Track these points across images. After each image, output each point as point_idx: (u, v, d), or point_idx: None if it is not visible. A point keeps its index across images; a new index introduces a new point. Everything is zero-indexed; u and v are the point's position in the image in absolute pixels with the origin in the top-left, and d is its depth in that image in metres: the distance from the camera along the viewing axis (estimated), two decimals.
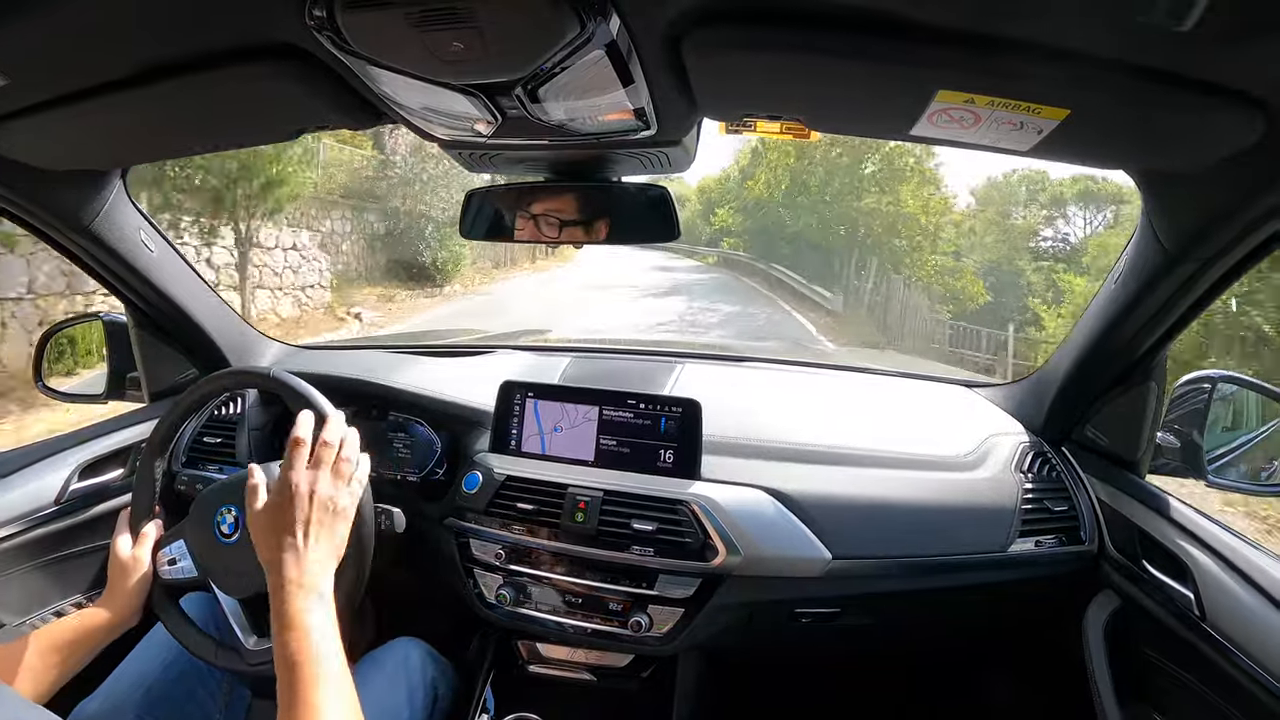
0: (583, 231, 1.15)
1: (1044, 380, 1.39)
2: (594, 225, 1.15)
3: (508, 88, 0.75)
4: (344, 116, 0.90)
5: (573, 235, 1.16)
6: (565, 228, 1.16)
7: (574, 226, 1.15)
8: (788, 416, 1.40)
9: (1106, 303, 1.15)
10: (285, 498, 0.89)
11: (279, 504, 0.90)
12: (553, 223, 1.16)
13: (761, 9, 0.65)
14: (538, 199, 1.15)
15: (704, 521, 1.20)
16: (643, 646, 1.28)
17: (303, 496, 0.89)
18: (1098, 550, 1.24)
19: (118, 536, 1.10)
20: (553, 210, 1.15)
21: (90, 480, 1.35)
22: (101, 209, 1.21)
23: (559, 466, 1.30)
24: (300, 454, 0.93)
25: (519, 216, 1.16)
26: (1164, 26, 0.57)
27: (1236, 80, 0.65)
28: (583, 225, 1.15)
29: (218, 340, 1.51)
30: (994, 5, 0.61)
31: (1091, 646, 1.18)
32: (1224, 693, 0.95)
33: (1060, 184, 32.22)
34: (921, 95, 0.73)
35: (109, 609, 1.03)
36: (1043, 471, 1.31)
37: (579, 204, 1.14)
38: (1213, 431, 1.20)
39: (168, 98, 0.83)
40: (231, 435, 1.46)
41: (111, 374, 1.54)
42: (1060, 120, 0.73)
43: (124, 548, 1.08)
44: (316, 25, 0.65)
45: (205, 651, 1.04)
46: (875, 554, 1.20)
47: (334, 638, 0.81)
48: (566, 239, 1.16)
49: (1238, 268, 0.96)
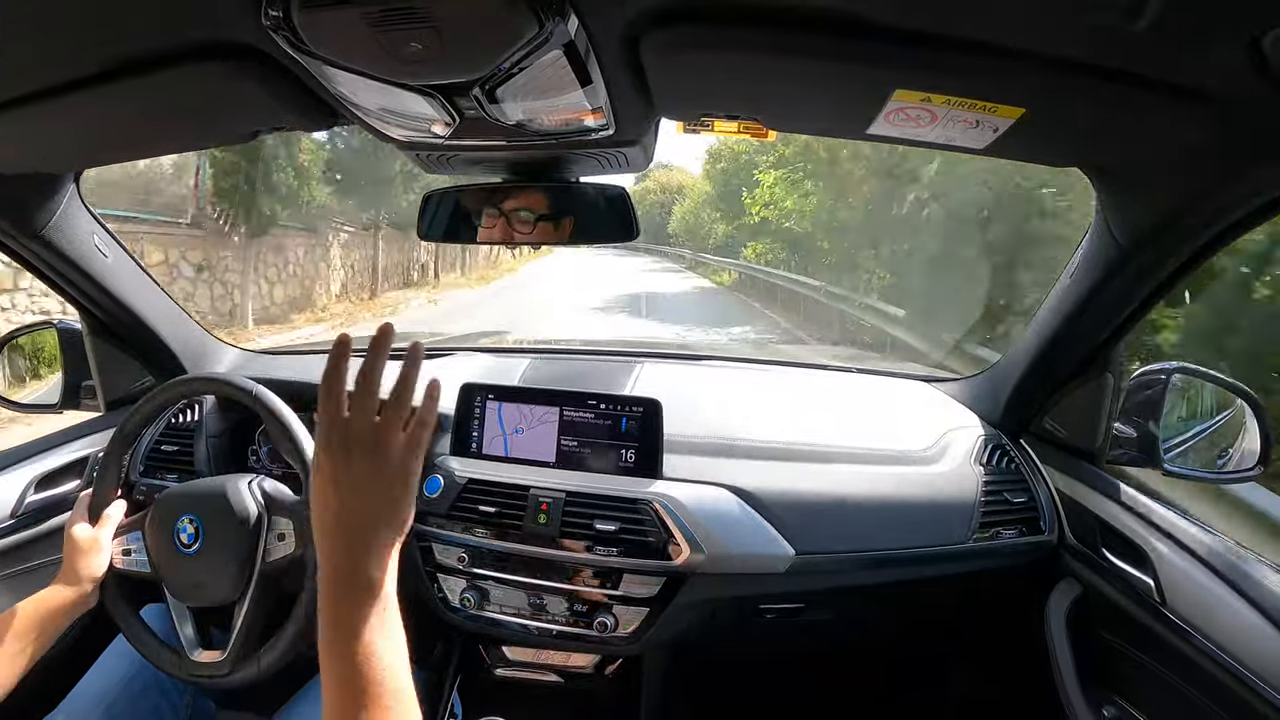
0: (542, 232, 1.14)
1: (1001, 374, 1.41)
2: (553, 225, 1.14)
3: (465, 88, 0.75)
4: (300, 118, 0.89)
5: (533, 235, 1.15)
6: (525, 228, 1.15)
7: (533, 226, 1.14)
8: (749, 414, 1.40)
9: (1062, 297, 1.16)
10: (343, 446, 0.65)
11: (333, 456, 0.65)
12: (513, 223, 1.15)
13: (719, 9, 0.65)
14: (496, 200, 1.14)
15: (666, 520, 1.20)
16: (608, 646, 1.28)
17: (367, 447, 0.65)
18: (1058, 540, 1.26)
19: (74, 518, 1.06)
20: (511, 210, 1.15)
21: (47, 492, 1.32)
22: (55, 214, 1.19)
23: (520, 468, 1.30)
24: (371, 393, 0.68)
25: (478, 217, 1.15)
26: (1118, 26, 0.58)
27: (1189, 79, 0.66)
28: (542, 225, 1.14)
29: (174, 346, 1.49)
30: (950, 5, 0.62)
31: (1054, 634, 1.19)
32: (1184, 674, 0.97)
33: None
34: (878, 94, 0.73)
35: (67, 590, 1.00)
36: (1002, 464, 1.33)
37: (538, 204, 1.14)
38: (1168, 421, 1.22)
39: (121, 99, 0.82)
40: (189, 443, 1.43)
41: (66, 382, 1.51)
42: (1015, 119, 0.75)
43: (83, 529, 1.05)
44: (273, 25, 0.64)
45: (149, 652, 1.03)
46: (838, 549, 1.21)
47: (403, 661, 0.61)
48: (527, 239, 1.15)
49: (1191, 262, 0.98)
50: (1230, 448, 1.25)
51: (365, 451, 0.65)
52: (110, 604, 1.04)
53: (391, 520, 0.65)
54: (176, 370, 1.50)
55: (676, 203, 38.15)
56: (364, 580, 0.62)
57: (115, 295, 1.35)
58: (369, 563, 0.63)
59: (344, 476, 0.64)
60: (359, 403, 0.68)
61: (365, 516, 0.64)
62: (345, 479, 0.64)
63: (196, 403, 1.48)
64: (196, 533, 1.02)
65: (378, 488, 0.65)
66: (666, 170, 51.51)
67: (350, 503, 0.64)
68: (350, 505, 0.64)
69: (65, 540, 1.05)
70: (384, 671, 0.59)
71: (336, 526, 0.64)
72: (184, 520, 1.03)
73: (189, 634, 1.04)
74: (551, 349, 1.82)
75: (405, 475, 0.66)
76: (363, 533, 0.64)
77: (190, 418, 1.47)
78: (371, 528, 0.64)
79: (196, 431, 1.44)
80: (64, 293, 1.34)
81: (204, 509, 1.02)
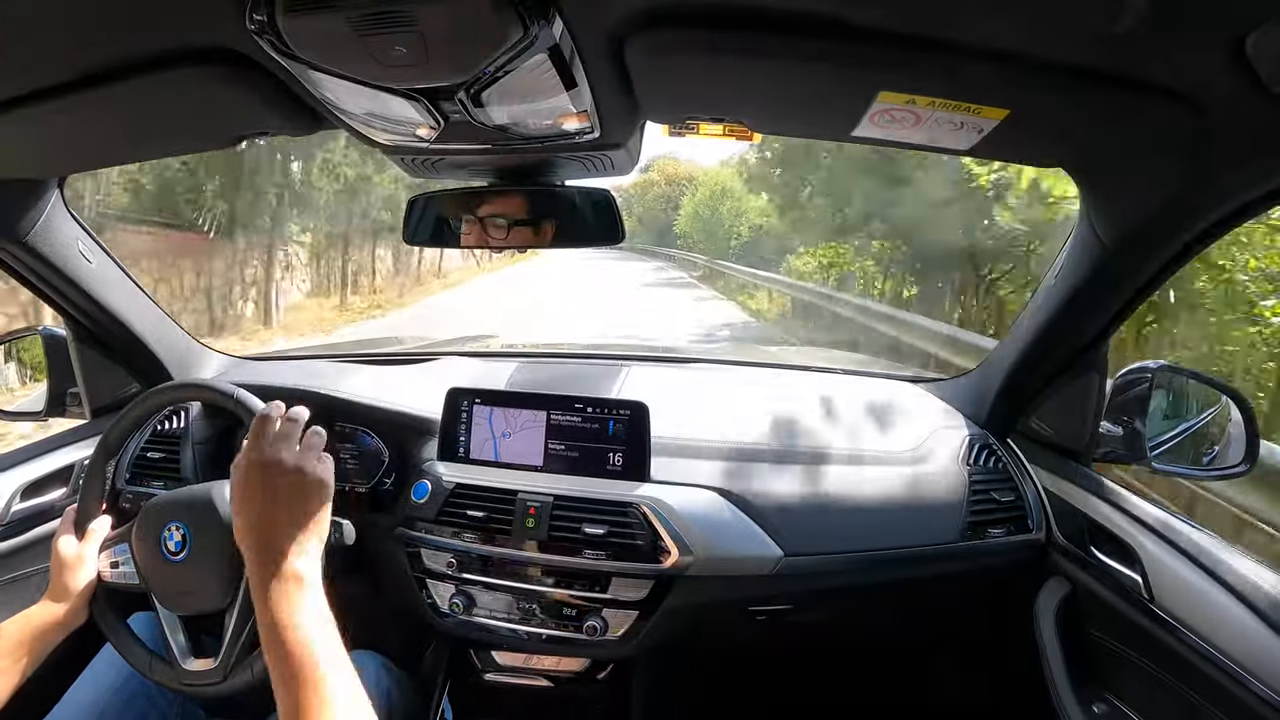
0: (527, 235, 1.14)
1: (988, 374, 1.41)
2: (539, 229, 1.14)
3: (450, 92, 0.75)
4: (285, 122, 0.89)
5: (517, 239, 1.15)
6: (510, 232, 1.15)
7: (519, 230, 1.14)
8: (736, 416, 1.41)
9: (1047, 297, 1.17)
10: (254, 469, 0.82)
11: (245, 479, 0.83)
12: (498, 227, 1.15)
13: (704, 12, 0.66)
14: (481, 203, 1.14)
15: (655, 523, 1.20)
16: (599, 650, 1.27)
17: (273, 465, 0.82)
18: (1045, 538, 1.26)
19: (61, 533, 1.05)
20: (497, 214, 1.14)
21: (32, 501, 1.31)
22: (38, 220, 1.18)
23: (508, 473, 1.29)
24: (267, 427, 0.87)
25: (463, 221, 1.15)
26: (1101, 28, 0.58)
27: (1172, 80, 0.67)
28: (527, 229, 1.14)
29: (159, 353, 1.48)
30: (934, 8, 0.62)
31: (1043, 632, 1.20)
32: (1174, 671, 0.98)
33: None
34: (864, 97, 0.74)
35: (55, 607, 0.99)
36: (989, 463, 1.33)
37: (523, 208, 1.14)
38: (1154, 419, 1.22)
39: (106, 104, 0.81)
40: (175, 450, 1.43)
41: (52, 390, 1.50)
42: (1000, 120, 0.75)
43: (68, 544, 1.04)
44: (257, 29, 0.64)
45: (139, 663, 1.02)
46: (826, 550, 1.21)
47: (335, 641, 0.73)
48: (511, 243, 1.15)
49: (1174, 261, 0.98)
50: (1216, 444, 1.26)
51: (285, 471, 0.83)
52: (99, 617, 1.04)
53: (308, 524, 0.82)
54: (162, 377, 1.49)
55: (685, 195, 31.95)
56: (291, 574, 0.76)
57: (100, 301, 1.35)
58: (296, 561, 0.78)
59: (267, 491, 0.82)
60: (284, 431, 0.87)
61: (286, 524, 0.80)
62: (268, 493, 0.82)
63: (182, 409, 1.47)
64: (184, 540, 1.01)
65: (296, 500, 0.83)
66: (672, 161, 48.65)
67: (271, 511, 0.81)
68: (270, 513, 0.81)
69: (52, 556, 1.04)
70: (314, 653, 0.69)
71: (261, 529, 0.80)
72: (171, 528, 1.02)
73: (180, 642, 1.03)
74: (538, 353, 1.82)
75: (322, 490, 0.85)
76: (289, 536, 0.79)
77: (176, 424, 1.47)
78: (295, 532, 0.80)
79: (182, 438, 1.44)
80: (49, 299, 1.34)
81: (190, 516, 1.01)
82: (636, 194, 49.76)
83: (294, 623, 0.72)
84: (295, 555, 0.78)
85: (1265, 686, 0.82)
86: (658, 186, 43.54)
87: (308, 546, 0.80)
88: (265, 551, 0.78)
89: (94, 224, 2.53)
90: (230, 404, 1.06)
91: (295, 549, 0.79)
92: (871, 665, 1.67)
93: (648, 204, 48.52)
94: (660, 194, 42.69)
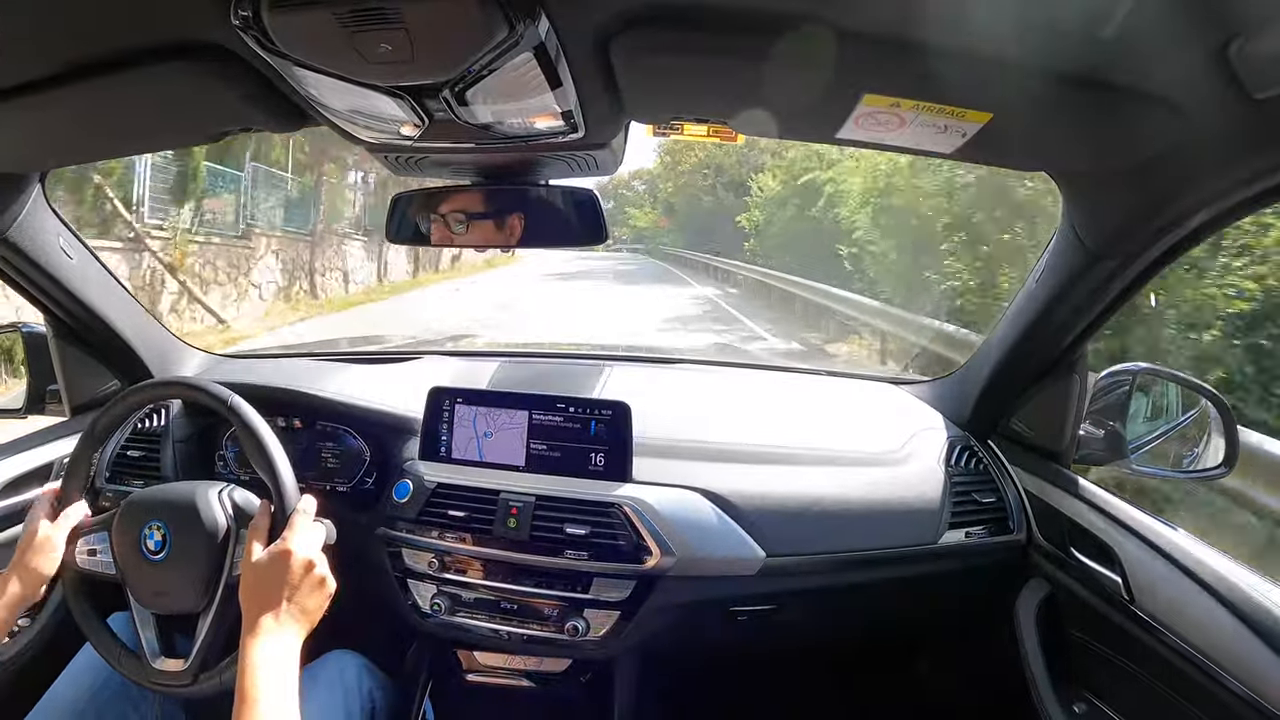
0: (511, 234, 1.14)
1: (969, 376, 1.42)
2: (523, 228, 1.14)
3: (435, 90, 0.75)
4: (269, 119, 0.89)
5: (501, 238, 1.15)
6: (494, 231, 1.15)
7: (502, 229, 1.14)
8: (718, 417, 1.41)
9: (1029, 300, 1.17)
10: (285, 562, 0.91)
11: (279, 566, 0.91)
12: (482, 226, 1.15)
13: (689, 13, 0.66)
14: (465, 202, 1.14)
15: (637, 524, 1.20)
16: (580, 650, 1.27)
17: (299, 565, 0.91)
18: (1026, 539, 1.27)
19: (35, 513, 1.04)
20: (480, 213, 1.14)
21: (11, 499, 1.30)
22: (19, 215, 1.17)
23: (490, 472, 1.29)
24: (303, 523, 0.96)
25: (446, 220, 1.15)
26: (1085, 33, 0.59)
27: (1155, 85, 0.67)
28: (511, 228, 1.14)
29: (140, 350, 1.47)
30: (919, 12, 0.62)
31: (1024, 633, 1.21)
32: (1154, 671, 0.99)
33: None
34: (848, 99, 0.75)
35: (14, 583, 0.97)
36: (970, 464, 1.34)
37: (507, 207, 1.14)
38: (1134, 421, 1.24)
39: (88, 98, 0.81)
40: (155, 449, 1.42)
41: (31, 387, 1.48)
42: (983, 124, 0.76)
43: (42, 525, 1.02)
44: (242, 25, 0.64)
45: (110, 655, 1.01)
46: (809, 550, 1.22)
47: (291, 674, 0.85)
48: (495, 242, 1.15)
49: (1156, 265, 0.99)
50: (1196, 446, 1.27)
51: (309, 568, 0.92)
52: (73, 602, 1.03)
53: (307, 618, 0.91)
54: (142, 374, 1.48)
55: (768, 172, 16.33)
56: (276, 642, 0.86)
57: (80, 298, 1.33)
58: (291, 631, 0.88)
59: (290, 581, 0.91)
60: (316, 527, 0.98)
61: (293, 611, 0.90)
62: (291, 584, 0.90)
63: (163, 407, 1.46)
64: (164, 540, 1.01)
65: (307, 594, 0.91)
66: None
67: (281, 595, 0.89)
68: (280, 597, 0.89)
69: (23, 532, 1.02)
70: (265, 684, 0.81)
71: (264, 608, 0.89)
72: (152, 526, 1.01)
73: (151, 640, 1.02)
74: (520, 352, 1.82)
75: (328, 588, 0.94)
76: (289, 617, 0.89)
77: (156, 423, 1.46)
78: (298, 615, 0.90)
79: (163, 437, 1.43)
80: (29, 296, 1.32)
81: (172, 517, 1.00)
82: (666, 169, 33.92)
83: (257, 694, 0.81)
84: (284, 633, 0.88)
85: (1243, 685, 0.83)
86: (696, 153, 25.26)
87: (300, 634, 0.90)
88: (257, 630, 0.87)
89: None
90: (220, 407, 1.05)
91: (287, 634, 0.88)
92: (853, 665, 1.68)
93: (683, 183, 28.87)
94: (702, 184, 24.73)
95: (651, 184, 42.60)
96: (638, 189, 46.81)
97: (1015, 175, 5.36)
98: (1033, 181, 5.47)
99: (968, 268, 6.87)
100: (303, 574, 0.91)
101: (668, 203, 34.70)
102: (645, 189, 45.03)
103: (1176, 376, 1.29)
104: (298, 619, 0.90)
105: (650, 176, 42.65)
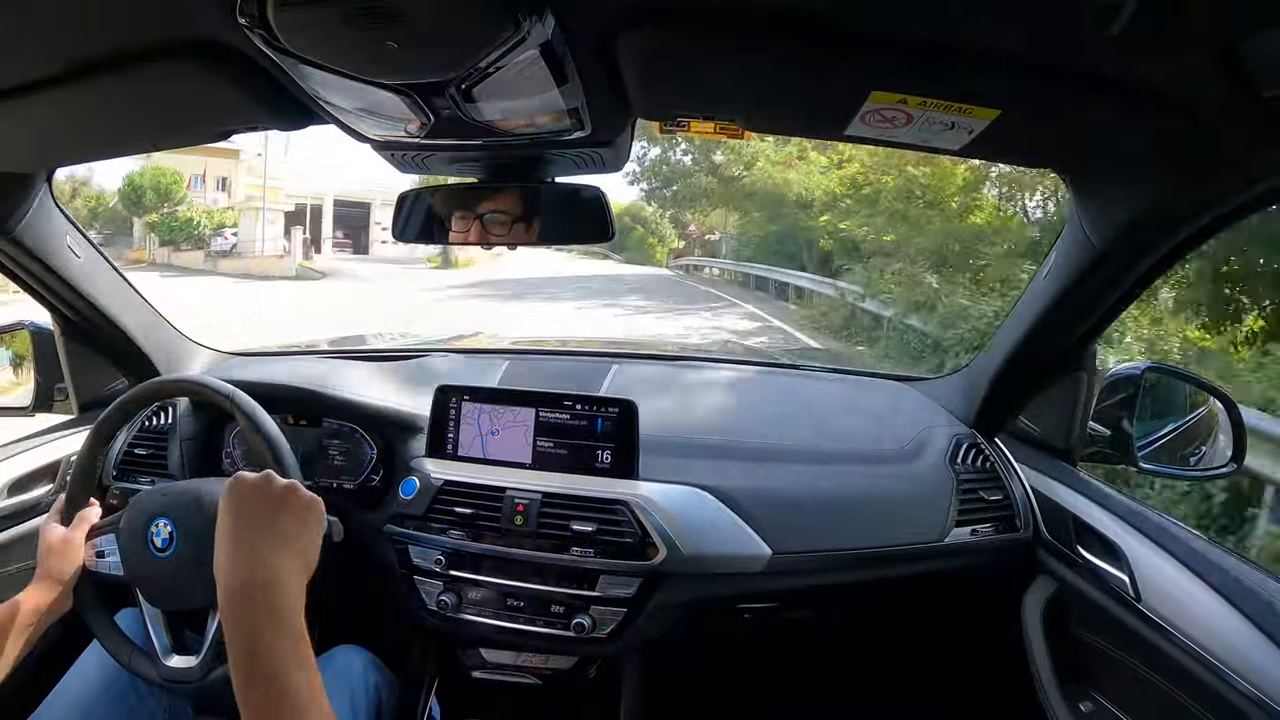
0: (516, 232, 1.14)
1: (976, 373, 1.41)
2: (528, 225, 1.14)
3: (441, 87, 0.75)
4: (274, 116, 0.89)
5: (506, 236, 1.15)
6: (499, 228, 1.14)
7: (508, 227, 1.14)
8: (724, 415, 1.41)
9: (1036, 297, 1.17)
10: (262, 491, 0.77)
11: (255, 498, 0.77)
12: (487, 223, 1.15)
13: (696, 11, 0.66)
14: (471, 200, 1.14)
15: (643, 521, 1.20)
16: (587, 648, 1.28)
17: (279, 489, 0.78)
18: (1033, 537, 1.26)
19: (49, 520, 1.05)
20: (486, 211, 1.14)
21: (19, 496, 1.30)
22: (26, 213, 1.17)
23: (496, 470, 1.29)
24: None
25: (452, 218, 1.15)
26: (1093, 30, 0.59)
27: (1163, 82, 0.67)
28: (517, 226, 1.14)
29: (147, 348, 1.47)
30: (925, 9, 0.62)
31: (1030, 631, 1.20)
32: (1161, 670, 0.98)
33: None
34: (855, 96, 0.74)
35: (43, 593, 0.98)
36: (977, 462, 1.34)
37: (513, 204, 1.13)
38: (1142, 419, 1.23)
39: (95, 96, 0.81)
40: (163, 446, 1.42)
41: (38, 385, 1.49)
42: (990, 120, 0.75)
43: (56, 530, 1.03)
44: (248, 23, 0.64)
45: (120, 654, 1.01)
46: (815, 548, 1.22)
47: (321, 700, 0.66)
48: (500, 240, 1.15)
49: (1164, 262, 0.99)
50: (1204, 445, 1.26)
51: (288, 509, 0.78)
52: (82, 606, 1.03)
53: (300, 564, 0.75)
54: (149, 372, 1.48)
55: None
56: (284, 621, 0.70)
57: (88, 296, 1.34)
58: (281, 598, 0.71)
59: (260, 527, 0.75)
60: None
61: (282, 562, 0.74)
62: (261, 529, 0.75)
63: (170, 405, 1.46)
64: (171, 537, 1.01)
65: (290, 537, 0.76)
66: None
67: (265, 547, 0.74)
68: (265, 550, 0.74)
69: (40, 542, 1.03)
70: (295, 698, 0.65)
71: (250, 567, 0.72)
72: (159, 524, 1.02)
73: (161, 637, 1.03)
74: (527, 349, 1.82)
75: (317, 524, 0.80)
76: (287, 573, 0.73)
77: (164, 420, 1.46)
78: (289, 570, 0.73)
79: (170, 434, 1.43)
80: (36, 294, 1.33)
81: (179, 513, 1.01)
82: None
83: (282, 679, 0.65)
84: (287, 601, 0.71)
85: (1251, 685, 0.83)
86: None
87: (297, 584, 0.73)
88: (247, 601, 0.70)
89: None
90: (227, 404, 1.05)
91: (286, 591, 0.71)
92: (859, 662, 1.68)
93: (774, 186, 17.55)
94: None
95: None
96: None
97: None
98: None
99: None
100: (285, 492, 0.79)
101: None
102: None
103: (1184, 374, 1.29)
104: (290, 558, 0.74)
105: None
